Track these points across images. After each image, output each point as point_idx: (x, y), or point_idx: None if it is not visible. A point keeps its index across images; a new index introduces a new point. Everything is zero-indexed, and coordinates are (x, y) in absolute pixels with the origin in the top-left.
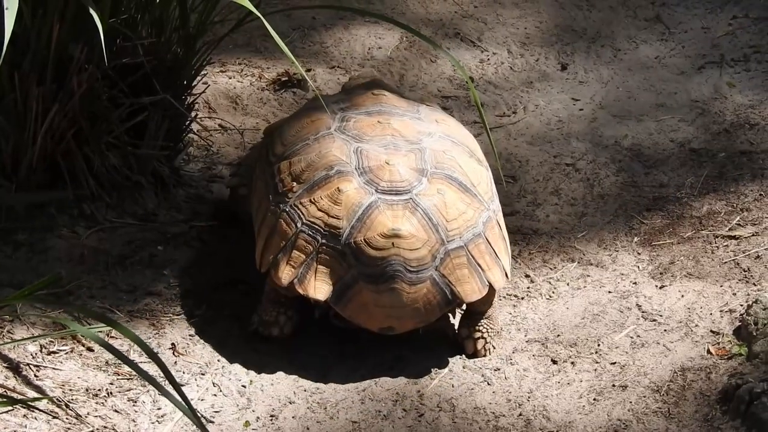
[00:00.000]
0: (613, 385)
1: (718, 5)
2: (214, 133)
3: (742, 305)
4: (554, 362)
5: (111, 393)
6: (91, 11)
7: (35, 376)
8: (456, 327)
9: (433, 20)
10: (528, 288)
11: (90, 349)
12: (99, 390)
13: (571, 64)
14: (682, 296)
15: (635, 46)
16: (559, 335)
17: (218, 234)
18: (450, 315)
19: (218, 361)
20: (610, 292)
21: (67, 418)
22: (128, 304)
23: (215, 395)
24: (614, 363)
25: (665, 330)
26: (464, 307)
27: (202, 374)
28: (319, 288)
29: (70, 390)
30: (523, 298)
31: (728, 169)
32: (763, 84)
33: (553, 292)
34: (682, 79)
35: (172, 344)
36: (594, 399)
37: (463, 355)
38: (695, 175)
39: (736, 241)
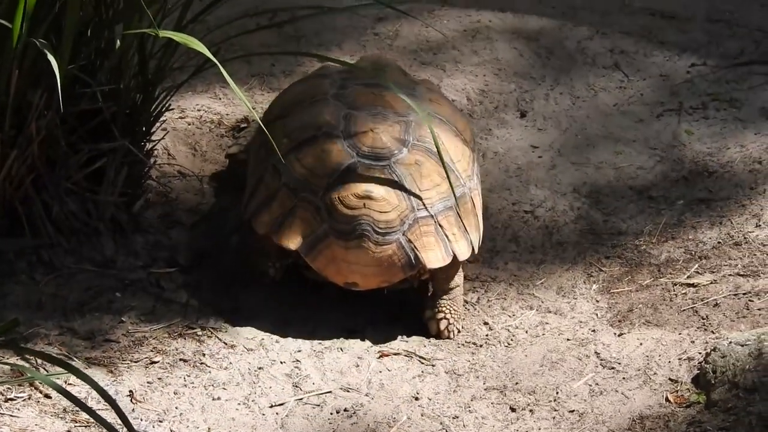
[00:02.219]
0: None
1: (677, 53)
2: (173, 179)
3: (700, 353)
4: (513, 410)
5: None
6: (50, 57)
7: None
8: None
9: None
10: (487, 335)
11: (47, 396)
12: None
13: (530, 111)
14: (641, 344)
15: (594, 94)
16: (517, 383)
17: (176, 281)
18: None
19: (176, 408)
20: (568, 339)
21: None
22: (86, 351)
23: None
24: (573, 411)
25: (624, 378)
26: (431, 288)
27: (160, 422)
28: (292, 239)
29: None
30: (481, 346)
31: (687, 216)
32: (722, 131)
33: (512, 340)
34: (640, 127)
35: (130, 391)
36: None
37: (422, 404)
38: (654, 222)
39: (694, 289)
